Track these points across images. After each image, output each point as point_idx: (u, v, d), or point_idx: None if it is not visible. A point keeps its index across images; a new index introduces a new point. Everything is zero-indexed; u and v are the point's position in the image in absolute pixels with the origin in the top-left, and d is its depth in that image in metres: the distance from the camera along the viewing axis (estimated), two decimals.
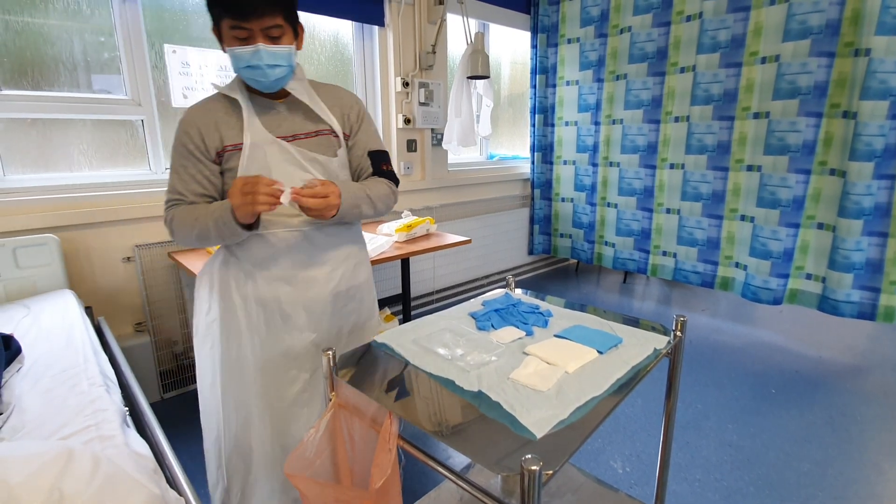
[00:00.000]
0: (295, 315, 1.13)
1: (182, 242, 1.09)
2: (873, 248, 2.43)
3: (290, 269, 1.12)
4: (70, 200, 1.91)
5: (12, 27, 1.79)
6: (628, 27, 3.12)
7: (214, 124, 1.06)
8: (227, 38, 0.99)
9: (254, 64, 0.99)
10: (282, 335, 1.13)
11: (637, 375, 0.89)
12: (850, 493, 1.62)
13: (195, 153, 1.06)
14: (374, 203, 1.16)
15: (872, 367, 2.50)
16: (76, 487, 0.68)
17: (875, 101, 2.26)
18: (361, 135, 1.19)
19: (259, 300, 1.12)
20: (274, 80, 1.02)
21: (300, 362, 1.16)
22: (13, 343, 1.23)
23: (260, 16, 0.95)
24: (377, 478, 0.77)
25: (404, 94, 2.88)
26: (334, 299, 1.18)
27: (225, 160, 1.07)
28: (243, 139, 1.05)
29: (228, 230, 1.00)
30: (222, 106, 1.08)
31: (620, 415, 2.07)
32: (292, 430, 1.17)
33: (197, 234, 1.03)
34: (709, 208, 2.98)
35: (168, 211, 1.08)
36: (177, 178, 1.07)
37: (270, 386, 1.14)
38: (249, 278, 1.12)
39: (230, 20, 0.95)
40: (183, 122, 1.07)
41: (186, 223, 1.04)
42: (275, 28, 0.98)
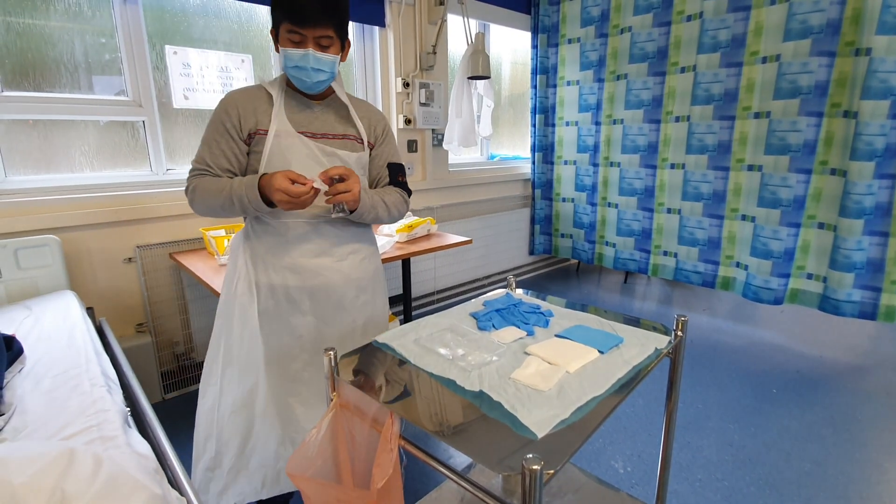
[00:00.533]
0: (300, 300, 1.22)
1: (200, 209, 1.17)
2: (874, 248, 2.43)
3: (298, 257, 1.21)
4: (71, 201, 1.91)
5: (14, 28, 1.80)
6: (629, 27, 3.12)
7: (253, 108, 1.16)
8: (283, 39, 1.10)
9: (301, 65, 1.11)
10: (287, 317, 1.22)
11: (638, 375, 0.89)
12: (851, 492, 1.62)
13: (231, 131, 1.15)
14: (389, 209, 1.26)
15: (873, 367, 2.49)
16: (78, 488, 0.69)
17: (876, 100, 2.26)
18: (385, 147, 1.32)
19: (268, 286, 1.21)
20: (315, 82, 1.14)
21: (302, 342, 1.24)
22: (15, 344, 1.23)
23: (314, 25, 1.07)
24: (379, 478, 0.77)
25: (405, 95, 2.88)
26: (343, 288, 1.25)
27: (254, 143, 1.17)
28: (270, 126, 1.15)
29: (254, 206, 1.10)
30: (264, 95, 1.18)
31: (622, 415, 2.07)
32: (291, 403, 1.24)
33: (221, 203, 1.12)
34: (710, 208, 2.98)
35: (192, 179, 1.16)
36: (207, 151, 1.16)
37: (273, 361, 1.22)
38: (262, 263, 1.21)
39: (289, 24, 1.07)
40: (224, 102, 1.16)
41: (211, 192, 1.12)
42: (325, 38, 1.10)
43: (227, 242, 1.95)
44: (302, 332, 1.23)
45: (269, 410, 1.21)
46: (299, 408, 1.25)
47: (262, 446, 1.22)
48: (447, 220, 3.23)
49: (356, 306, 1.29)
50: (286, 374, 1.23)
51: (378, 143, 1.31)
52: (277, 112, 1.16)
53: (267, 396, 1.21)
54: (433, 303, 3.29)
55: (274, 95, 1.17)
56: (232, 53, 2.25)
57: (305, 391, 1.25)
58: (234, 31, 2.29)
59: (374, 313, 1.34)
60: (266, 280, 1.21)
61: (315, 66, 1.11)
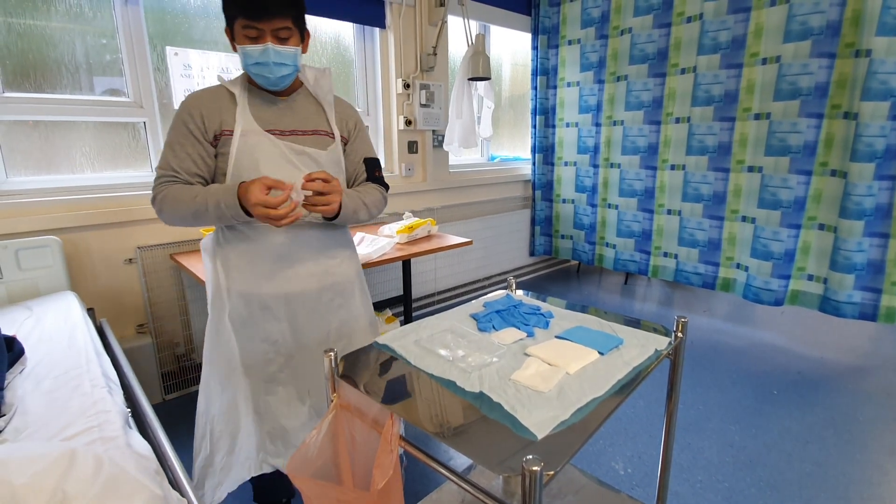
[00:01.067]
0: (275, 307, 1.20)
1: (169, 219, 1.11)
2: (874, 249, 2.43)
3: (272, 264, 1.18)
4: (72, 202, 1.91)
5: (15, 29, 1.80)
6: (629, 28, 3.12)
7: (218, 108, 1.12)
8: (239, 36, 1.06)
9: (262, 61, 1.06)
10: (261, 324, 1.20)
11: (638, 376, 0.89)
12: (852, 493, 1.61)
13: (195, 133, 1.10)
14: (369, 209, 1.24)
15: (874, 368, 2.49)
16: (79, 488, 0.69)
17: (876, 101, 2.26)
18: (358, 143, 1.29)
19: (240, 293, 1.19)
20: (279, 77, 1.10)
21: (277, 347, 1.23)
22: (16, 345, 1.23)
23: (271, 17, 1.03)
24: (379, 479, 0.77)
25: (405, 96, 2.89)
26: (318, 293, 1.24)
27: (221, 144, 1.12)
28: (235, 126, 1.11)
29: (232, 214, 1.05)
30: (226, 94, 1.15)
31: (622, 416, 2.07)
32: (269, 401, 1.25)
33: (193, 212, 1.07)
34: (710, 209, 2.98)
35: (160, 187, 1.11)
36: (172, 155, 1.11)
37: (250, 365, 1.22)
38: (234, 270, 1.18)
39: (244, 20, 1.03)
40: (186, 103, 1.12)
41: (183, 200, 1.07)
42: (284, 30, 1.06)
43: None
44: (277, 338, 1.22)
45: (251, 410, 1.23)
46: (277, 406, 1.26)
47: (248, 443, 1.24)
48: (448, 221, 3.23)
49: (332, 310, 1.27)
50: (263, 376, 1.23)
51: (352, 138, 1.27)
52: (242, 111, 1.12)
53: (248, 398, 1.22)
54: (434, 304, 3.29)
55: (237, 94, 1.13)
56: (233, 54, 2.25)
57: (283, 391, 1.26)
58: None
59: (352, 316, 1.32)
60: (238, 287, 1.18)
61: (276, 60, 1.07)
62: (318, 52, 2.64)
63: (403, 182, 3.00)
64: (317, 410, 1.32)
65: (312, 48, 2.62)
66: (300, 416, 1.28)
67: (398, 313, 2.84)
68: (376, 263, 1.97)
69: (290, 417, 1.26)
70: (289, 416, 1.26)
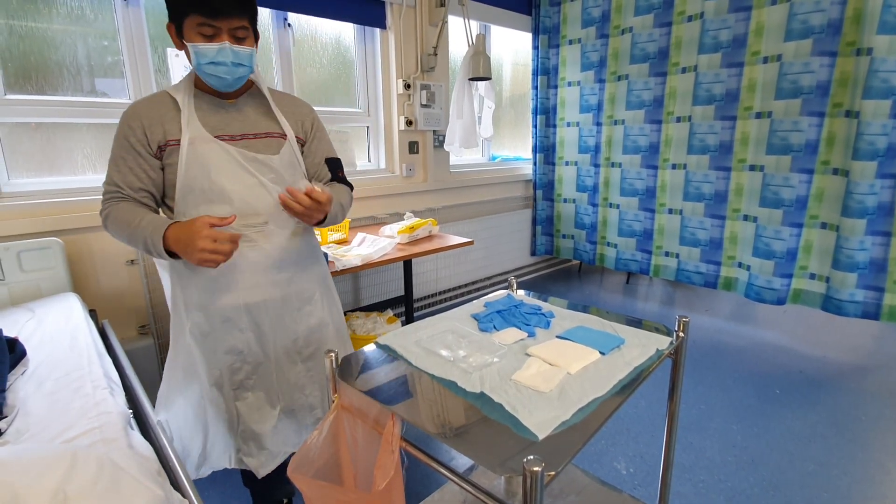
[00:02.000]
0: (237, 318, 1.17)
1: (115, 237, 1.09)
2: (877, 248, 2.42)
3: (229, 275, 1.13)
4: (74, 204, 1.92)
5: (16, 32, 1.81)
6: (629, 28, 3.12)
7: (160, 118, 1.06)
8: (190, 34, 1.00)
9: (219, 61, 1.01)
10: (223, 336, 1.17)
11: (639, 376, 0.88)
12: (854, 493, 1.61)
13: (136, 146, 1.06)
14: (344, 210, 1.24)
15: (877, 367, 2.48)
16: (80, 490, 0.69)
17: (877, 100, 2.26)
18: (317, 143, 1.24)
19: (200, 306, 1.15)
20: (235, 78, 1.06)
21: (243, 356, 1.20)
22: (18, 346, 1.23)
23: (229, 16, 0.99)
24: (380, 479, 0.77)
25: (406, 97, 2.89)
26: (282, 302, 1.21)
27: (166, 155, 1.07)
28: (182, 135, 1.06)
29: (156, 252, 1.02)
30: (169, 102, 1.08)
31: (624, 416, 2.06)
32: (241, 409, 1.24)
33: (128, 239, 1.05)
34: (711, 208, 2.98)
35: (106, 204, 1.08)
36: (115, 170, 1.07)
37: (217, 376, 1.20)
38: (191, 282, 1.14)
39: (199, 17, 0.97)
40: (126, 115, 1.06)
41: (120, 226, 1.05)
42: (241, 29, 1.02)
43: None
44: (242, 348, 1.19)
45: (220, 416, 1.23)
46: (248, 412, 1.25)
47: (221, 442, 1.25)
48: (449, 221, 3.23)
49: (300, 317, 1.24)
50: (231, 384, 1.22)
51: (309, 138, 1.23)
52: (188, 118, 1.06)
53: (215, 407, 1.22)
54: (435, 304, 3.29)
55: (180, 100, 1.07)
56: None
57: (252, 396, 1.25)
58: None
59: (321, 323, 1.29)
60: (196, 301, 1.14)
61: (235, 60, 1.02)
62: (318, 53, 2.64)
63: (404, 182, 3.00)
64: (289, 414, 1.30)
65: (313, 50, 2.62)
66: (271, 419, 1.27)
67: (399, 314, 2.84)
68: (377, 264, 1.97)
69: (261, 422, 1.25)
70: (259, 421, 1.25)
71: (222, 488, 1.65)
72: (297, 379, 1.29)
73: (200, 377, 1.19)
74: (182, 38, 1.02)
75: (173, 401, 1.21)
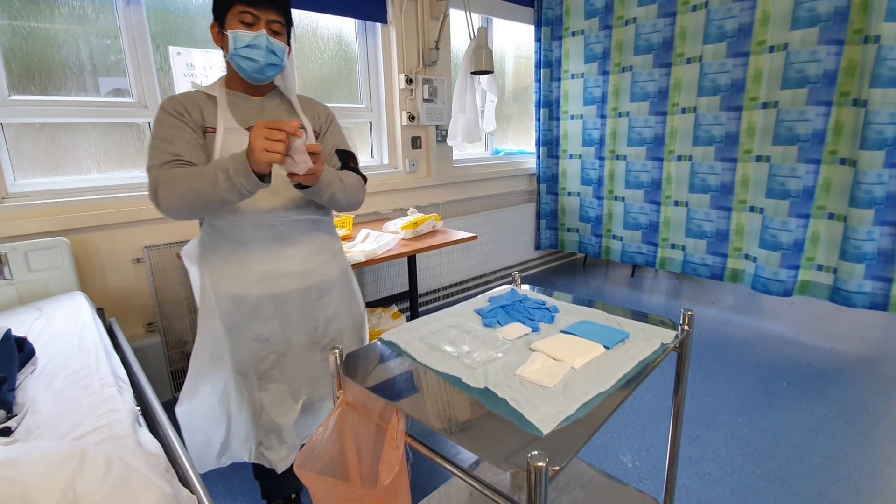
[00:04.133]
0: (263, 307, 1.20)
1: (175, 203, 1.02)
2: (885, 238, 2.40)
3: (258, 265, 1.18)
4: (79, 203, 1.93)
5: (19, 33, 1.81)
6: (633, 18, 3.09)
7: (198, 108, 1.13)
8: (233, 23, 1.08)
9: (255, 44, 1.08)
10: (250, 323, 1.21)
11: (644, 370, 0.88)
12: (862, 486, 1.60)
13: (189, 123, 1.10)
14: (346, 189, 1.19)
15: (885, 358, 2.47)
16: (89, 487, 0.70)
17: (885, 88, 2.23)
18: (329, 135, 1.29)
19: (229, 296, 1.18)
20: (266, 65, 1.11)
21: (269, 345, 1.23)
22: (27, 345, 1.25)
23: (268, 7, 1.08)
24: (385, 475, 0.78)
25: (408, 91, 2.88)
26: (305, 292, 1.24)
27: (206, 141, 1.13)
28: (217, 124, 1.12)
29: (243, 179, 0.96)
30: (203, 96, 1.15)
31: (629, 409, 2.06)
32: (264, 400, 1.27)
33: (199, 190, 0.99)
34: (717, 200, 2.96)
35: (159, 172, 1.03)
36: (169, 145, 1.06)
37: (242, 364, 1.23)
38: (221, 274, 1.18)
39: (242, 5, 1.06)
40: (170, 103, 1.10)
41: (190, 176, 1.00)
42: (276, 24, 1.11)
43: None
44: (268, 336, 1.23)
45: (243, 406, 1.25)
46: (270, 404, 1.27)
47: (242, 432, 1.28)
48: (452, 216, 3.23)
49: (319, 307, 1.28)
50: (255, 373, 1.25)
51: (323, 131, 1.29)
52: (222, 110, 1.14)
53: (239, 395, 1.24)
54: (439, 299, 3.29)
55: (217, 95, 1.15)
56: None
57: (275, 388, 1.28)
58: None
59: (338, 313, 1.32)
60: (227, 291, 1.18)
61: (269, 46, 1.09)
62: (319, 49, 2.64)
63: (407, 178, 3.00)
64: (309, 407, 1.33)
65: (314, 46, 2.61)
66: (292, 413, 1.29)
67: (404, 309, 2.84)
68: (381, 259, 1.97)
69: (284, 415, 1.28)
70: (282, 414, 1.28)
71: (230, 483, 1.67)
72: (316, 370, 1.32)
73: (227, 364, 1.22)
74: (223, 30, 1.10)
75: (199, 389, 1.24)
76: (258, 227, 1.16)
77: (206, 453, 1.29)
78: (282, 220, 1.17)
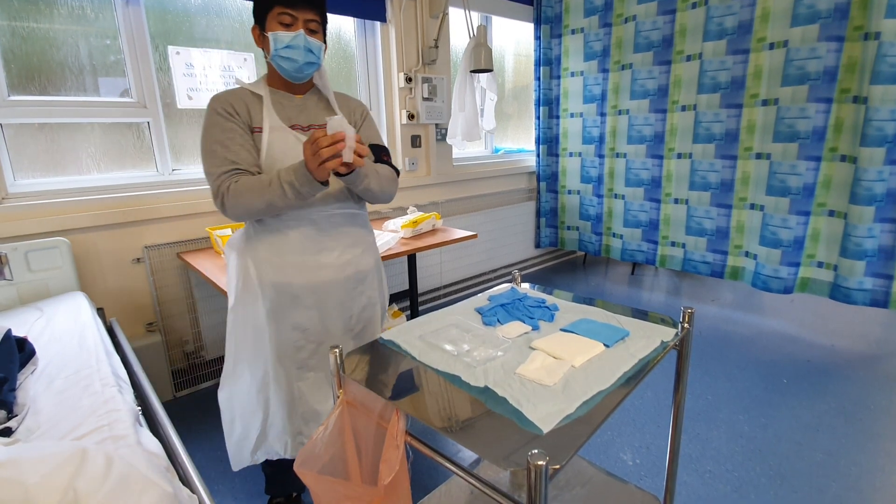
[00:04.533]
0: (303, 296, 1.25)
1: (242, 212, 1.14)
2: (885, 235, 2.40)
3: (300, 255, 1.24)
4: (79, 203, 1.93)
5: (19, 33, 1.81)
6: (633, 16, 3.08)
7: (245, 107, 1.18)
8: (272, 24, 1.14)
9: (293, 45, 1.14)
10: (291, 311, 1.26)
11: (644, 368, 0.88)
12: (863, 483, 1.60)
13: (240, 125, 1.16)
14: (380, 180, 1.25)
15: (886, 355, 2.47)
16: (90, 487, 0.70)
17: (886, 85, 2.22)
18: (364, 130, 1.35)
19: (272, 284, 1.24)
20: (304, 63, 1.17)
21: (307, 335, 1.29)
22: (27, 345, 1.25)
23: (305, 8, 1.14)
24: (385, 474, 0.78)
25: (407, 90, 2.88)
26: (343, 282, 1.30)
27: (255, 139, 1.19)
28: (263, 123, 1.18)
29: (307, 188, 1.07)
30: (248, 94, 1.21)
31: (630, 407, 2.06)
32: (300, 387, 1.31)
33: (268, 201, 1.10)
34: (717, 197, 2.95)
35: (227, 179, 1.12)
36: (225, 150, 1.14)
37: (282, 353, 1.28)
38: (265, 263, 1.24)
39: (281, 7, 1.12)
40: (218, 102, 1.16)
41: (256, 190, 1.10)
42: (313, 23, 1.16)
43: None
44: (307, 325, 1.28)
45: (281, 396, 1.30)
46: (309, 391, 1.32)
47: (279, 422, 1.32)
48: (452, 214, 3.23)
49: (354, 297, 1.34)
50: (294, 362, 1.29)
51: (358, 126, 1.34)
52: (268, 109, 1.19)
53: (277, 384, 1.29)
54: (440, 297, 3.29)
55: (262, 94, 1.21)
56: (234, 52, 2.25)
57: (313, 376, 1.32)
58: (236, 29, 2.29)
59: (370, 303, 1.39)
60: (270, 279, 1.24)
61: (306, 46, 1.15)
62: None
63: (407, 177, 3.00)
64: None
65: None
66: (330, 399, 1.34)
67: (404, 308, 2.84)
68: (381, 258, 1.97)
69: (322, 401, 1.33)
70: (320, 400, 1.33)
71: (231, 483, 1.67)
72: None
73: (266, 351, 1.27)
74: (264, 32, 1.16)
75: (239, 375, 1.30)
76: (299, 220, 1.22)
77: (242, 448, 1.33)
78: (321, 213, 1.23)
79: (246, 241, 1.27)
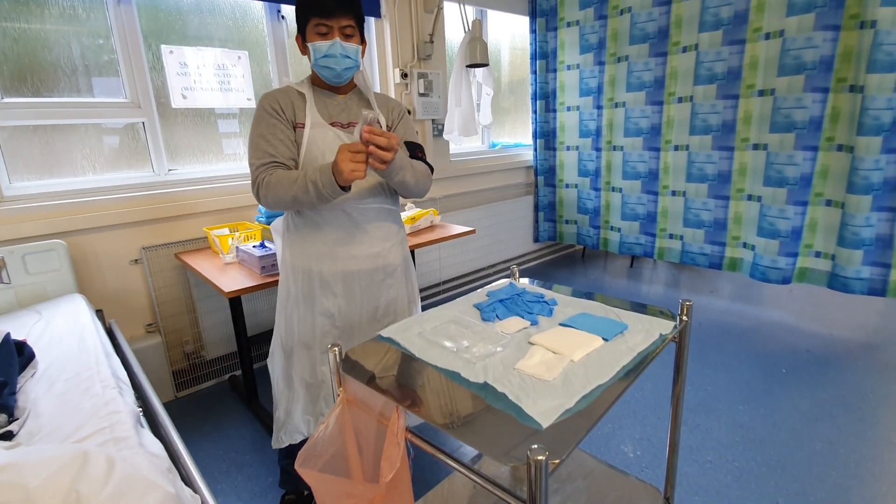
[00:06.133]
0: (333, 283, 1.33)
1: (273, 203, 1.22)
2: (883, 224, 2.40)
3: (332, 245, 1.31)
4: (76, 205, 1.92)
5: (10, 34, 1.80)
6: (628, 8, 3.07)
7: (290, 104, 1.27)
8: (311, 35, 1.23)
9: (330, 53, 1.22)
10: (320, 297, 1.34)
11: (643, 362, 0.88)
12: (863, 471, 1.61)
13: (283, 121, 1.25)
14: (416, 175, 1.31)
15: (884, 344, 2.48)
16: (92, 489, 0.70)
17: (882, 73, 2.22)
18: (400, 127, 1.41)
19: (304, 270, 1.33)
20: (344, 69, 1.25)
21: (333, 320, 1.36)
22: (26, 349, 1.25)
23: (338, 16, 1.20)
24: (387, 471, 0.78)
25: (403, 86, 2.86)
26: (371, 273, 1.36)
27: (297, 135, 1.27)
28: (306, 120, 1.27)
29: (327, 189, 1.14)
30: (294, 92, 1.30)
31: (630, 399, 2.07)
32: (325, 372, 1.37)
33: (294, 195, 1.17)
34: (715, 189, 2.95)
35: (262, 173, 1.21)
36: (266, 143, 1.23)
37: (309, 337, 1.36)
38: (299, 249, 1.32)
39: (316, 19, 1.20)
40: (267, 99, 1.26)
41: (285, 184, 1.18)
42: (349, 27, 1.23)
43: (231, 241, 1.96)
44: (334, 312, 1.35)
45: (303, 376, 1.38)
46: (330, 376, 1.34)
47: (301, 402, 1.40)
48: (450, 210, 3.22)
49: (382, 289, 1.39)
50: (319, 346, 1.36)
51: (395, 125, 1.40)
52: (311, 107, 1.28)
53: (301, 366, 1.37)
54: (439, 293, 3.30)
55: (305, 93, 1.29)
56: (228, 50, 2.24)
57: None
58: (230, 27, 2.28)
59: (399, 296, 1.44)
60: (302, 265, 1.32)
61: (343, 52, 1.22)
62: None
63: None
64: None
65: None
66: None
67: None
68: None
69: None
70: None
71: (234, 483, 1.68)
72: None
73: (295, 334, 1.36)
74: (305, 42, 1.25)
75: (276, 352, 1.42)
76: (334, 213, 1.28)
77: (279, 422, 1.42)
78: (355, 207, 1.30)
79: (285, 227, 1.36)
